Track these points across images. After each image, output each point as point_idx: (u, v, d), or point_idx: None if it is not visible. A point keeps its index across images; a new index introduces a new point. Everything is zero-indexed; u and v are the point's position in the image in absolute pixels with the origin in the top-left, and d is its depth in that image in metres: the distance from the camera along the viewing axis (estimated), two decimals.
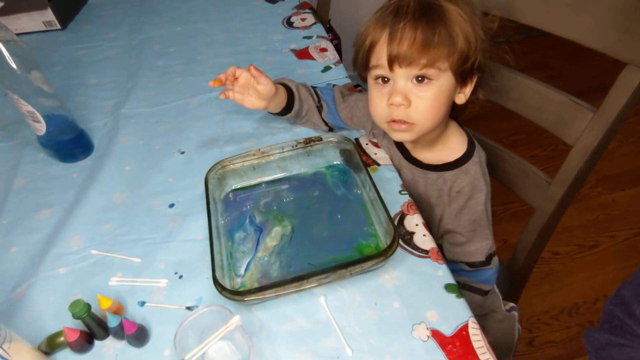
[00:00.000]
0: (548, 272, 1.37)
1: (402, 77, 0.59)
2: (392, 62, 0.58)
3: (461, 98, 0.62)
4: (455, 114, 0.67)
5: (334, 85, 0.79)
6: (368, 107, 0.65)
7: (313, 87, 0.77)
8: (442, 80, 0.58)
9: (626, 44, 0.57)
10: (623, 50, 0.58)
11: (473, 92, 0.63)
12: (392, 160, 0.72)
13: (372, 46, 0.60)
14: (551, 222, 0.78)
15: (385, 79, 0.61)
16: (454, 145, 0.67)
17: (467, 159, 0.66)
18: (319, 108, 0.75)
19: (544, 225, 0.78)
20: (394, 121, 0.62)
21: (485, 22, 0.61)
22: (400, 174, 0.70)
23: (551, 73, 2.00)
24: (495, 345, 0.77)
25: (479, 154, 0.67)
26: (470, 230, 0.67)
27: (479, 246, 0.67)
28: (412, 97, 0.59)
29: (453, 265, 0.70)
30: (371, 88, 0.64)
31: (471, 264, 0.68)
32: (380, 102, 0.62)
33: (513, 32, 0.64)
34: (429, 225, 0.70)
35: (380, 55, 0.59)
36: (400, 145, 0.71)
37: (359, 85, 0.81)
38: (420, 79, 0.58)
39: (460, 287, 0.69)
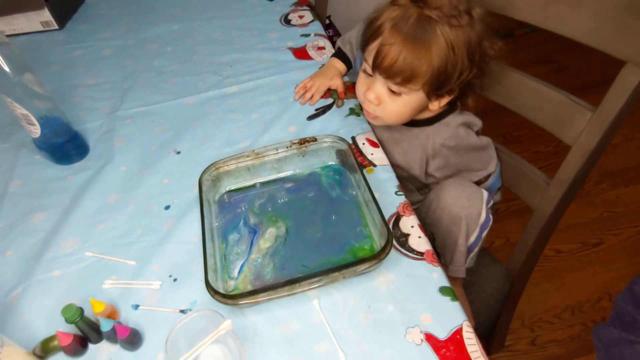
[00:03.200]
0: (550, 270, 1.35)
1: (381, 81, 0.65)
2: (374, 68, 0.64)
3: (435, 105, 0.67)
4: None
5: None
6: None
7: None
8: (412, 96, 0.65)
9: (624, 42, 0.56)
10: (621, 49, 0.56)
11: (462, 99, 0.69)
12: (380, 129, 0.76)
13: (371, 38, 0.64)
14: (551, 222, 0.77)
15: (370, 73, 0.66)
16: (435, 110, 0.71)
17: (448, 114, 0.70)
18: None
19: (544, 225, 0.77)
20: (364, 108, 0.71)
21: (485, 47, 0.63)
22: (389, 139, 0.75)
23: (555, 66, 1.97)
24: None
25: (463, 114, 0.71)
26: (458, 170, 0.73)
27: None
28: (384, 100, 0.66)
29: None
30: (361, 69, 0.69)
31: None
32: (361, 87, 0.70)
33: (516, 26, 0.66)
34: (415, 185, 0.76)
35: (370, 54, 0.64)
36: None
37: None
38: (393, 91, 0.65)
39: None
